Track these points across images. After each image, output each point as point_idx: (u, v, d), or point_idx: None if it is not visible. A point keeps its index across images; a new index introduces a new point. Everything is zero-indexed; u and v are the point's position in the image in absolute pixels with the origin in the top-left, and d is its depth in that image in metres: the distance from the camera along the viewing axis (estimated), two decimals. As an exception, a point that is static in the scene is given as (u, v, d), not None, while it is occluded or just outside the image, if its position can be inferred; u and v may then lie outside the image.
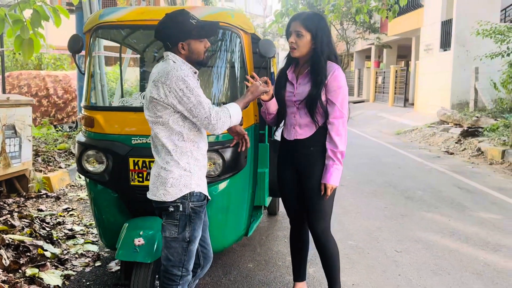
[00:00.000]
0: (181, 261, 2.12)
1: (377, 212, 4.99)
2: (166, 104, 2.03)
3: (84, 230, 4.18)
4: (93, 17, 2.93)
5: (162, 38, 2.15)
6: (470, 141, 9.78)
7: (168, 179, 2.08)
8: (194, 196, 2.12)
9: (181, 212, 2.09)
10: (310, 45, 2.48)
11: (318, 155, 2.56)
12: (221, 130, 2.09)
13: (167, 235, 2.12)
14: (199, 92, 2.04)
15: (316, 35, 2.46)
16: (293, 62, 2.63)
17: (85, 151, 2.71)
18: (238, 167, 2.75)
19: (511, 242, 4.10)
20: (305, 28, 2.45)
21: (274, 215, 4.76)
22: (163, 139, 2.09)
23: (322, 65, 2.46)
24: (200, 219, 2.17)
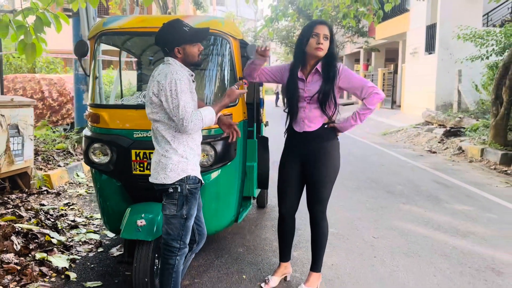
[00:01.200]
0: (179, 235, 2.46)
1: (358, 204, 5.36)
2: (159, 99, 2.37)
3: (86, 221, 4.48)
4: (97, 25, 3.26)
5: (161, 45, 2.49)
6: (452, 141, 10.22)
7: (168, 164, 2.42)
8: (190, 180, 2.46)
9: (179, 193, 2.44)
10: (329, 48, 2.84)
11: (325, 147, 2.90)
12: (193, 131, 2.38)
13: (167, 213, 2.46)
14: (183, 96, 2.34)
15: (332, 39, 2.85)
16: (299, 64, 2.93)
17: (91, 144, 3.04)
18: (228, 158, 3.09)
19: (479, 230, 4.48)
20: (330, 32, 2.83)
21: (263, 207, 5.10)
22: (162, 131, 2.43)
23: (335, 64, 2.83)
24: (195, 199, 2.51)
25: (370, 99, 2.79)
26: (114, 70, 14.02)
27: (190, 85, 2.47)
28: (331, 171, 2.93)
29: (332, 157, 2.93)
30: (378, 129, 14.21)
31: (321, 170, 2.91)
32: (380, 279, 3.32)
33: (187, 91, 2.37)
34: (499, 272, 3.47)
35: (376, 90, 2.79)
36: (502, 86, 8.61)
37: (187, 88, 2.39)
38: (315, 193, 2.96)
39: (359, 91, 2.81)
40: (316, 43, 2.81)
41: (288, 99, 2.98)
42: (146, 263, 2.73)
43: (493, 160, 8.20)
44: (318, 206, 2.98)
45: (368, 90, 2.78)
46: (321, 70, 2.87)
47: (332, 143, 2.94)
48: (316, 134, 2.91)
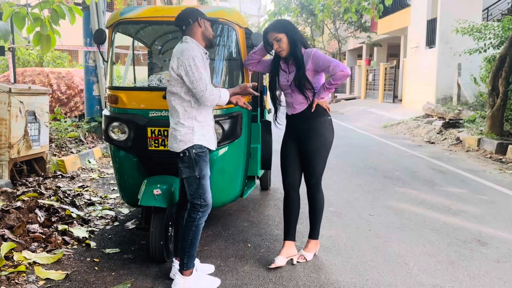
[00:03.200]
0: (199, 193, 2.81)
1: (357, 187, 5.65)
2: (177, 74, 2.71)
3: (101, 200, 4.80)
4: (115, 14, 3.56)
5: (184, 18, 2.82)
6: (450, 132, 10.49)
7: (177, 136, 2.79)
8: (196, 146, 2.80)
9: (188, 157, 2.80)
10: (289, 43, 3.14)
11: (315, 124, 3.20)
12: (210, 103, 2.74)
13: (184, 176, 2.83)
14: (202, 70, 2.71)
15: (287, 33, 3.13)
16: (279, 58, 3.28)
17: (110, 122, 3.35)
18: (235, 136, 3.40)
19: (470, 209, 4.77)
20: (278, 32, 3.13)
21: (266, 189, 5.40)
22: (176, 105, 2.78)
23: (299, 54, 3.13)
24: (204, 161, 2.84)
25: (335, 76, 3.07)
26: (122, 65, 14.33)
27: (205, 62, 2.80)
28: (322, 144, 3.23)
29: (322, 132, 3.23)
30: (379, 122, 14.48)
31: (312, 143, 3.21)
32: (374, 248, 3.62)
33: (204, 68, 2.73)
34: (484, 243, 3.76)
35: (340, 67, 3.06)
36: (499, 78, 8.87)
37: (203, 65, 2.73)
38: (309, 165, 3.26)
39: (328, 70, 3.10)
40: (275, 49, 3.18)
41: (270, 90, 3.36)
42: (162, 228, 3.04)
43: (489, 149, 8.47)
44: (312, 179, 3.28)
45: (334, 69, 3.06)
46: (293, 60, 3.19)
47: (321, 120, 3.23)
48: (304, 114, 3.22)
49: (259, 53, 3.36)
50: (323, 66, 3.11)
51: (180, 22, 2.86)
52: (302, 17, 24.39)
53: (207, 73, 2.81)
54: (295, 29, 3.18)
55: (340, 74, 3.06)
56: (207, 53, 2.88)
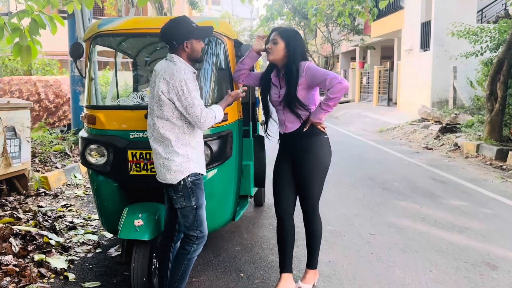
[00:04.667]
0: (195, 225, 2.60)
1: (355, 201, 5.39)
2: (168, 99, 2.47)
3: (84, 223, 4.50)
4: (92, 27, 3.28)
5: (169, 39, 2.57)
6: (448, 137, 10.28)
7: (172, 166, 2.53)
8: (192, 174, 2.57)
9: (183, 186, 2.56)
10: (284, 52, 2.87)
11: (310, 144, 2.92)
12: (206, 127, 2.57)
13: (179, 206, 2.59)
14: (195, 94, 2.48)
15: (288, 44, 2.86)
16: (274, 68, 3.01)
17: (88, 145, 3.06)
18: (224, 157, 3.12)
19: (475, 225, 4.52)
20: (280, 37, 2.88)
21: (260, 206, 5.13)
22: (167, 132, 2.51)
23: (293, 71, 2.85)
24: (201, 189, 2.62)
25: (333, 89, 2.78)
26: (110, 71, 14.02)
27: (195, 82, 2.56)
28: (317, 166, 2.95)
29: (317, 153, 2.95)
30: (374, 126, 14.27)
31: (307, 165, 2.94)
32: (377, 275, 3.35)
33: (196, 89, 2.50)
34: (494, 266, 3.51)
35: (338, 79, 2.78)
36: (497, 82, 8.67)
37: (195, 87, 2.50)
38: (303, 188, 2.99)
39: (324, 84, 2.82)
40: (267, 47, 2.93)
41: (262, 103, 3.09)
42: (144, 263, 2.75)
43: (488, 155, 8.25)
44: (308, 202, 3.00)
45: (332, 82, 2.78)
46: (285, 75, 2.92)
47: (317, 139, 2.95)
48: (298, 133, 2.94)
49: (247, 62, 3.11)
50: (319, 80, 2.83)
51: (164, 41, 2.61)
52: (295, 21, 24.16)
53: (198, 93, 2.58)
54: (299, 43, 2.92)
55: (338, 86, 2.77)
56: (196, 72, 2.64)
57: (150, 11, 24.46)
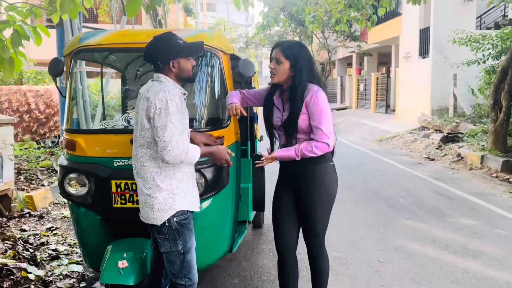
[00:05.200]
0: (182, 272, 2.26)
1: (360, 221, 5.08)
2: (148, 116, 2.17)
3: (69, 250, 4.16)
4: (73, 41, 2.97)
5: (153, 59, 2.25)
6: (450, 147, 10.00)
7: (154, 204, 2.21)
8: (178, 213, 2.24)
9: (168, 227, 2.23)
10: (289, 72, 2.55)
11: (313, 172, 2.61)
12: (173, 160, 2.16)
13: (164, 250, 2.27)
14: (173, 117, 2.14)
15: (295, 63, 2.54)
16: (278, 88, 2.69)
17: (67, 174, 2.73)
18: (220, 185, 2.80)
19: (489, 249, 4.21)
20: (284, 56, 2.54)
21: (259, 227, 4.80)
22: (147, 162, 2.19)
23: (299, 94, 2.52)
24: (189, 230, 2.29)
25: (317, 144, 2.50)
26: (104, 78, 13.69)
27: (182, 105, 2.26)
28: (322, 196, 2.63)
29: (322, 181, 2.63)
30: (373, 135, 13.99)
31: (311, 195, 2.62)
32: (389, 313, 3.03)
33: (177, 113, 2.16)
34: (517, 301, 3.20)
35: (326, 140, 2.50)
36: (501, 91, 8.40)
37: (178, 110, 2.17)
38: (307, 222, 2.67)
39: (314, 130, 2.53)
40: (269, 67, 2.61)
41: (266, 127, 2.77)
42: (130, 309, 2.43)
43: (494, 167, 7.97)
44: (313, 238, 2.69)
45: (321, 136, 2.50)
46: (288, 98, 2.61)
47: (322, 167, 2.63)
48: (301, 160, 2.60)
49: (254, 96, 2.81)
50: (313, 121, 2.52)
51: (148, 60, 2.30)
52: (291, 27, 23.97)
53: (184, 117, 2.25)
54: (306, 61, 2.58)
55: (322, 147, 2.51)
56: (186, 94, 2.33)
57: (144, 18, 24.19)
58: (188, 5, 22.21)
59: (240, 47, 30.16)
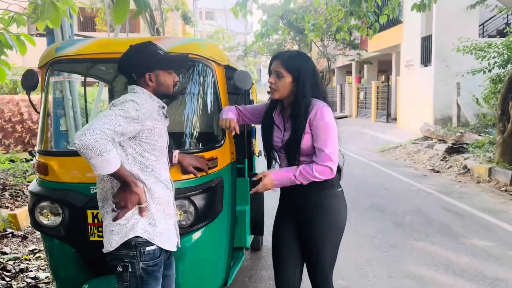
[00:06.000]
0: None
1: (366, 241, 4.74)
2: None
3: (50, 278, 3.81)
4: (48, 51, 2.65)
5: (127, 70, 1.95)
6: (455, 158, 9.67)
7: (114, 228, 1.87)
8: (146, 254, 1.86)
9: (130, 273, 1.86)
10: (292, 87, 2.24)
11: (320, 200, 2.29)
12: (80, 146, 1.66)
13: None
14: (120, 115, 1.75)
15: (298, 77, 2.23)
16: (278, 104, 2.39)
17: (37, 202, 2.40)
18: (213, 214, 2.47)
19: (508, 275, 3.87)
20: (286, 69, 2.23)
21: (258, 250, 4.46)
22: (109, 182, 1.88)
23: (302, 111, 2.21)
24: (156, 279, 1.91)
25: (318, 167, 2.18)
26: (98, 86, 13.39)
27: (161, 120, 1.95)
28: (330, 228, 2.31)
29: (330, 211, 2.30)
30: (375, 145, 13.67)
31: (317, 227, 2.29)
32: None
33: (133, 120, 1.77)
34: None
35: (330, 163, 2.18)
36: (509, 101, 8.10)
37: (138, 119, 1.80)
38: (313, 257, 2.34)
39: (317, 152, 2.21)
40: (269, 81, 2.28)
41: (264, 148, 2.44)
42: None
43: (502, 180, 7.64)
44: (320, 275, 2.35)
45: (324, 159, 2.18)
46: (291, 116, 2.29)
47: (329, 194, 2.31)
48: (304, 186, 2.28)
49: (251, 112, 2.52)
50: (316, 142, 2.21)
51: (122, 72, 1.98)
52: (290, 36, 23.76)
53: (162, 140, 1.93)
54: (310, 73, 2.26)
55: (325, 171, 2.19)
56: (165, 107, 2.00)
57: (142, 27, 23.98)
58: (187, 13, 22.02)
59: (239, 55, 29.98)
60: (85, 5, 17.85)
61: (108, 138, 1.68)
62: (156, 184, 1.93)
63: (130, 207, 1.82)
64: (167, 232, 1.96)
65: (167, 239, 1.95)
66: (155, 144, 1.90)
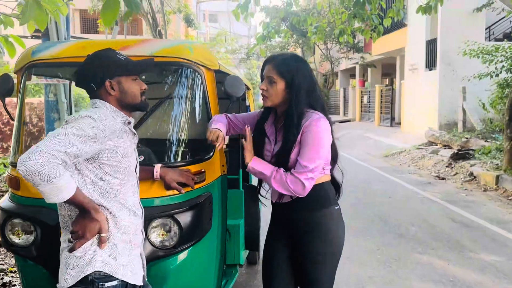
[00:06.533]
0: None
1: (368, 255, 4.51)
2: None
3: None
4: (25, 54, 2.46)
5: (85, 81, 1.74)
6: (461, 165, 9.42)
7: (69, 261, 1.64)
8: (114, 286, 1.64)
9: None
10: (284, 94, 2.04)
11: (313, 220, 2.08)
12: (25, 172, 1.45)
13: None
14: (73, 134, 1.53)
15: (292, 83, 2.02)
16: (271, 112, 2.18)
17: (8, 219, 2.19)
18: (200, 233, 2.26)
19: (519, 292, 3.65)
20: (278, 73, 2.03)
21: (254, 264, 4.24)
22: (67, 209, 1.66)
23: (294, 121, 2.00)
24: None
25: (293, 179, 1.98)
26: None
27: (127, 137, 1.72)
28: (327, 251, 2.09)
29: (325, 233, 2.08)
30: (378, 150, 13.42)
31: (312, 252, 2.08)
32: None
33: (89, 139, 1.56)
34: None
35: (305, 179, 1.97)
36: (517, 106, 7.86)
37: (95, 137, 1.58)
38: (309, 279, 2.13)
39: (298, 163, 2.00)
40: (260, 88, 2.08)
41: None
42: None
43: (510, 189, 7.39)
44: None
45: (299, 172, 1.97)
46: (283, 126, 2.09)
47: (325, 213, 2.09)
48: (296, 204, 2.09)
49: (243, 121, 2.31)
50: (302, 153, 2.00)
51: (80, 85, 1.77)
52: (293, 38, 23.56)
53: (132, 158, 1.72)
54: (306, 80, 2.05)
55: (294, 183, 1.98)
56: (131, 122, 1.78)
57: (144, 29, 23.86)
58: (189, 15, 21.89)
59: (241, 58, 29.81)
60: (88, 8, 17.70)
61: (59, 161, 1.47)
62: (121, 210, 1.71)
63: (89, 236, 1.60)
64: (130, 264, 1.72)
65: (130, 272, 1.72)
66: (118, 165, 1.68)
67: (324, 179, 2.13)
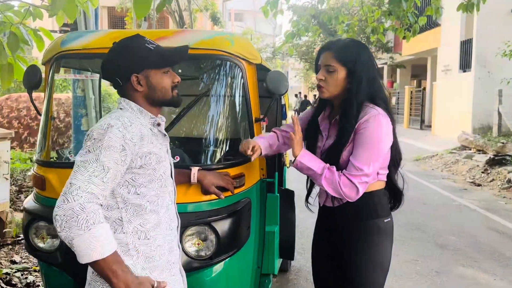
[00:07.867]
0: None
1: (407, 267, 4.23)
2: None
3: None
4: (54, 44, 2.30)
5: (110, 75, 1.53)
6: (498, 171, 8.96)
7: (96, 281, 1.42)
8: None
9: None
10: (345, 84, 1.81)
11: (359, 231, 1.89)
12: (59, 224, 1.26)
13: None
14: (103, 154, 1.33)
15: (353, 71, 1.80)
16: (327, 105, 1.96)
17: (33, 222, 2.03)
18: (238, 243, 2.05)
19: None
20: (338, 61, 1.81)
21: (285, 272, 4.01)
22: None
23: (352, 113, 1.78)
24: None
25: (346, 182, 1.77)
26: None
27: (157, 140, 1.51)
28: (373, 267, 1.91)
29: (372, 247, 1.89)
30: (409, 153, 12.97)
31: (357, 265, 1.89)
32: None
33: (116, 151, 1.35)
34: None
35: (358, 183, 1.76)
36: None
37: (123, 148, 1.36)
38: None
39: (350, 163, 1.79)
40: (317, 79, 1.86)
41: None
42: None
43: (554, 198, 6.96)
44: None
45: (355, 176, 1.76)
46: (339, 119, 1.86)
47: (372, 225, 1.89)
48: (344, 211, 1.89)
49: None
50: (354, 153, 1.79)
51: (106, 79, 1.57)
52: (321, 37, 23.18)
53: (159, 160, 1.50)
54: (369, 68, 1.84)
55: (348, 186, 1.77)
56: (161, 124, 1.56)
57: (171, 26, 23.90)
58: (216, 14, 21.83)
59: (267, 57, 29.62)
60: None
61: (100, 199, 1.28)
62: (156, 229, 1.49)
63: None
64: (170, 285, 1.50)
65: None
66: (152, 173, 1.47)
67: (376, 186, 1.90)
